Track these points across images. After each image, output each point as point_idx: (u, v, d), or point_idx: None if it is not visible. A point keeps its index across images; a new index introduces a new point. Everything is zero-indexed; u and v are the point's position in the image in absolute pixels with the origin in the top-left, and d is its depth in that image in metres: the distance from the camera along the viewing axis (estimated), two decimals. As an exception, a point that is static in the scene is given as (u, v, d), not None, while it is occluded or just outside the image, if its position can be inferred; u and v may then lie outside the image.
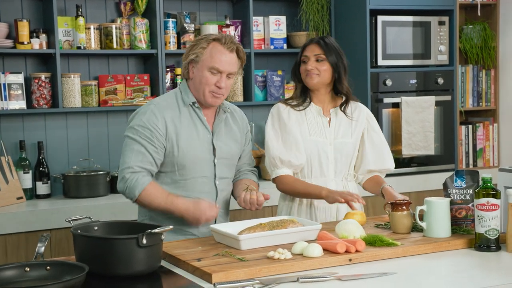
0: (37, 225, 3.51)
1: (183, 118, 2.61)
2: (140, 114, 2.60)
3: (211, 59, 2.57)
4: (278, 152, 2.81)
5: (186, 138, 2.59)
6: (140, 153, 2.55)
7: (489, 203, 2.26)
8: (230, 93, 4.33)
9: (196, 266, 2.06)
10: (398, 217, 2.47)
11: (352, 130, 2.88)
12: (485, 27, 4.80)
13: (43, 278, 1.87)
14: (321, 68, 2.82)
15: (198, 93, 2.61)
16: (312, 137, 2.84)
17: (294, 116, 2.85)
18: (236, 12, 4.46)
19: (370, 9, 4.32)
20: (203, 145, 2.62)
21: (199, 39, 2.63)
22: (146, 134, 2.55)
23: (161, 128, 2.57)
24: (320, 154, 2.83)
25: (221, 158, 2.65)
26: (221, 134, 2.68)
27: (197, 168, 2.61)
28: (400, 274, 2.04)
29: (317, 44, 2.84)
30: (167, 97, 2.68)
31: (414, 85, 4.51)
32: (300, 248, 2.18)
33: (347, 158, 2.86)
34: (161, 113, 2.58)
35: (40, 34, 3.91)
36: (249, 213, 3.93)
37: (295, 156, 2.80)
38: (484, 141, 4.87)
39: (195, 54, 2.59)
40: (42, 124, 4.02)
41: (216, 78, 2.58)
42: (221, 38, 2.60)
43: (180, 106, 2.63)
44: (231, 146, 2.71)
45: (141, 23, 4.06)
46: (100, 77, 4.08)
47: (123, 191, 2.57)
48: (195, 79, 2.62)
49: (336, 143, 2.85)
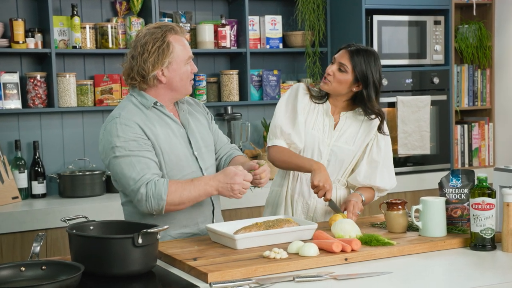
0: (32, 224, 3.51)
1: (153, 120, 2.47)
2: (112, 134, 2.40)
3: (183, 52, 2.47)
4: (281, 123, 2.78)
5: (164, 138, 2.48)
6: (141, 163, 2.38)
7: (484, 203, 2.27)
8: (225, 92, 4.33)
9: (192, 266, 2.06)
10: (394, 216, 2.48)
11: (357, 138, 2.81)
12: (481, 26, 4.81)
13: (39, 278, 1.86)
14: (340, 77, 2.72)
15: (179, 90, 2.51)
16: (313, 131, 2.80)
17: (307, 103, 2.81)
18: (232, 11, 4.46)
19: (365, 8, 4.33)
20: (181, 141, 2.53)
21: (157, 46, 2.43)
22: (134, 145, 2.39)
23: (141, 134, 2.42)
24: (314, 150, 2.79)
25: (199, 148, 2.57)
26: (191, 125, 2.59)
27: (183, 165, 2.51)
28: (395, 274, 2.04)
29: (348, 53, 2.72)
30: (126, 104, 2.49)
31: (409, 85, 4.51)
32: (296, 248, 2.18)
33: (340, 164, 2.80)
34: (131, 120, 2.41)
35: (35, 34, 3.90)
36: (245, 212, 3.94)
37: (296, 134, 2.76)
38: (480, 141, 4.88)
39: (167, 60, 2.44)
40: (37, 124, 4.01)
41: (190, 66, 2.52)
42: (174, 28, 2.47)
43: (143, 110, 2.47)
44: (204, 133, 2.63)
45: (137, 23, 4.06)
46: (96, 76, 4.08)
47: (150, 206, 2.36)
48: (172, 79, 2.48)
49: (334, 145, 2.80)
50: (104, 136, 2.44)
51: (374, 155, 2.81)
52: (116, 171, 2.41)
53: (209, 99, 4.35)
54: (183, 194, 2.37)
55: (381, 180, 2.80)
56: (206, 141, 2.63)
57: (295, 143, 2.77)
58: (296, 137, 2.77)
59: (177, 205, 2.40)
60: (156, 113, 2.50)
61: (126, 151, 2.38)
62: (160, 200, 2.35)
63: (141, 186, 2.35)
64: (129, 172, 2.37)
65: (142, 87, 2.50)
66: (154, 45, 2.44)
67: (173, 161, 2.48)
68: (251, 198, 3.89)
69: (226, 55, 4.49)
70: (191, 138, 2.57)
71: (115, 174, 2.43)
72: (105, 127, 2.45)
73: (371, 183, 2.80)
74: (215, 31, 4.29)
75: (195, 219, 2.56)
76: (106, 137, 2.43)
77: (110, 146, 2.41)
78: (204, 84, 4.32)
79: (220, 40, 4.29)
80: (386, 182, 2.82)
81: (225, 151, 2.73)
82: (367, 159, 2.81)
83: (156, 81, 2.48)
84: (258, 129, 4.56)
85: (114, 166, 2.42)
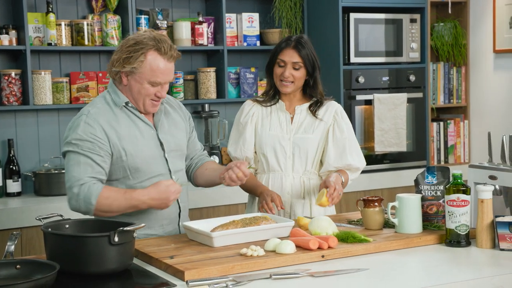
0: (7, 223, 3.47)
1: (121, 120, 2.46)
2: (74, 128, 2.42)
3: (151, 73, 2.41)
4: (229, 149, 2.92)
5: (130, 139, 2.46)
6: (87, 164, 2.38)
7: (459, 199, 2.29)
8: (203, 90, 4.32)
9: (168, 264, 2.05)
10: (370, 213, 2.49)
11: (315, 127, 2.86)
12: (456, 24, 4.85)
13: (13, 277, 1.85)
14: (297, 75, 2.81)
15: (137, 102, 2.48)
16: (271, 132, 2.85)
17: (256, 112, 2.88)
18: (209, 9, 4.45)
19: (342, 6, 4.34)
20: (150, 142, 2.50)
21: (133, 49, 2.40)
22: (88, 145, 2.39)
23: (101, 137, 2.41)
24: (276, 148, 2.83)
25: (170, 151, 2.55)
26: (164, 126, 2.57)
27: (150, 167, 2.48)
28: (372, 270, 2.05)
29: (295, 50, 2.79)
30: (97, 102, 2.50)
31: (386, 82, 4.54)
32: (273, 245, 2.19)
33: (306, 154, 2.83)
34: (95, 121, 2.42)
35: (9, 30, 3.86)
36: (222, 210, 3.93)
37: (240, 151, 2.86)
38: (455, 138, 4.92)
39: (132, 66, 2.40)
40: (12, 121, 3.97)
41: (157, 89, 2.45)
42: (160, 47, 2.40)
43: (113, 109, 2.47)
44: (178, 137, 2.60)
45: (113, 20, 4.03)
46: (72, 74, 4.04)
47: (77, 207, 2.38)
48: (131, 87, 2.45)
49: (295, 138, 2.84)
50: (70, 127, 2.47)
51: (338, 136, 2.86)
52: (65, 162, 2.46)
53: (186, 97, 4.34)
54: (113, 204, 2.38)
55: (352, 158, 2.84)
56: (179, 145, 2.61)
57: (247, 157, 2.86)
58: (240, 154, 2.86)
59: (106, 213, 2.39)
60: (126, 113, 2.49)
61: (78, 149, 2.40)
62: (89, 204, 2.36)
63: (75, 186, 2.38)
64: (73, 169, 2.40)
65: (115, 79, 2.50)
66: (130, 48, 2.42)
67: (137, 163, 2.46)
68: (229, 196, 3.89)
69: (203, 52, 4.48)
70: (162, 140, 2.54)
71: (64, 165, 2.47)
72: (73, 121, 2.48)
73: (344, 162, 2.83)
74: (192, 29, 4.27)
75: (160, 221, 2.54)
76: (70, 129, 2.46)
77: (68, 139, 2.44)
78: (181, 81, 4.30)
79: (197, 38, 4.28)
80: (357, 160, 2.86)
81: (196, 156, 2.76)
82: (332, 142, 2.85)
83: (119, 79, 2.48)
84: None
85: (65, 157, 2.47)
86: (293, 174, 2.84)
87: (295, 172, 2.84)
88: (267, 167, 2.85)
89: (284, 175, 2.83)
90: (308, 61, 2.81)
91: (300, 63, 2.80)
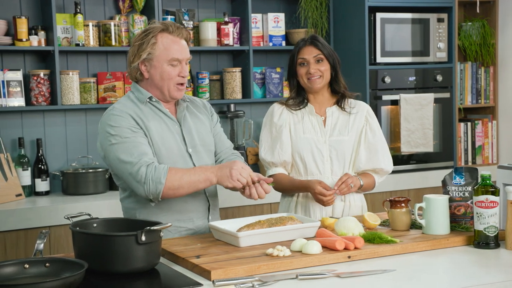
0: (36, 222, 3.51)
1: (147, 113, 2.50)
2: (106, 125, 2.45)
3: (166, 52, 2.46)
4: (264, 155, 2.87)
5: (156, 131, 2.49)
6: (137, 148, 2.39)
7: (488, 200, 2.27)
8: (228, 90, 4.33)
9: (195, 263, 2.06)
10: (397, 214, 2.48)
11: (350, 128, 2.86)
12: (484, 24, 4.80)
13: (42, 275, 1.87)
14: (322, 68, 2.83)
15: (162, 90, 2.51)
16: (306, 135, 2.84)
17: (287, 117, 2.87)
18: (234, 9, 4.46)
19: (368, 6, 4.32)
20: (175, 136, 2.53)
21: (143, 36, 2.47)
22: (128, 132, 2.42)
23: (133, 124, 2.44)
24: (314, 151, 2.82)
25: (194, 146, 2.57)
26: (187, 122, 2.59)
27: (176, 160, 2.50)
28: (399, 271, 2.04)
29: (313, 45, 2.84)
30: (122, 100, 2.55)
31: (413, 82, 4.50)
32: (299, 245, 2.18)
33: (343, 156, 2.84)
34: (124, 112, 2.46)
35: (38, 31, 3.90)
36: (248, 210, 3.94)
37: (278, 155, 2.83)
38: (483, 138, 4.87)
39: (147, 52, 2.45)
40: (41, 121, 4.02)
41: (178, 69, 2.49)
42: (168, 27, 2.47)
43: (138, 105, 2.51)
44: (202, 132, 2.62)
45: (140, 20, 4.06)
46: (99, 74, 4.08)
47: (147, 189, 2.35)
48: (153, 77, 2.49)
49: (331, 140, 2.84)
50: (100, 129, 2.49)
51: (371, 139, 2.86)
52: (114, 157, 2.42)
53: (212, 97, 4.35)
54: (183, 177, 2.37)
55: (383, 162, 2.85)
56: (203, 140, 2.61)
57: (281, 162, 2.84)
58: (278, 158, 2.82)
59: (176, 189, 2.37)
60: (151, 108, 2.53)
61: (122, 138, 2.41)
62: (159, 184, 2.35)
63: (141, 166, 2.36)
64: (126, 157, 2.39)
65: (136, 80, 2.55)
66: (140, 37, 2.49)
67: (163, 154, 2.49)
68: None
69: (229, 52, 4.49)
70: (186, 135, 2.56)
71: (113, 161, 2.44)
72: (101, 121, 2.51)
73: (375, 166, 2.84)
74: (218, 29, 4.29)
75: (189, 214, 2.55)
76: (101, 129, 2.49)
77: (105, 136, 2.45)
78: (207, 81, 4.31)
79: (223, 38, 4.29)
80: (387, 164, 2.88)
81: (226, 154, 2.71)
82: (364, 145, 2.85)
83: (140, 75, 2.52)
84: (261, 126, 4.54)
85: (110, 154, 2.43)
86: (332, 177, 2.83)
87: (334, 175, 2.83)
88: (305, 170, 2.85)
89: (323, 178, 2.82)
90: (328, 53, 2.84)
91: (321, 55, 2.82)
